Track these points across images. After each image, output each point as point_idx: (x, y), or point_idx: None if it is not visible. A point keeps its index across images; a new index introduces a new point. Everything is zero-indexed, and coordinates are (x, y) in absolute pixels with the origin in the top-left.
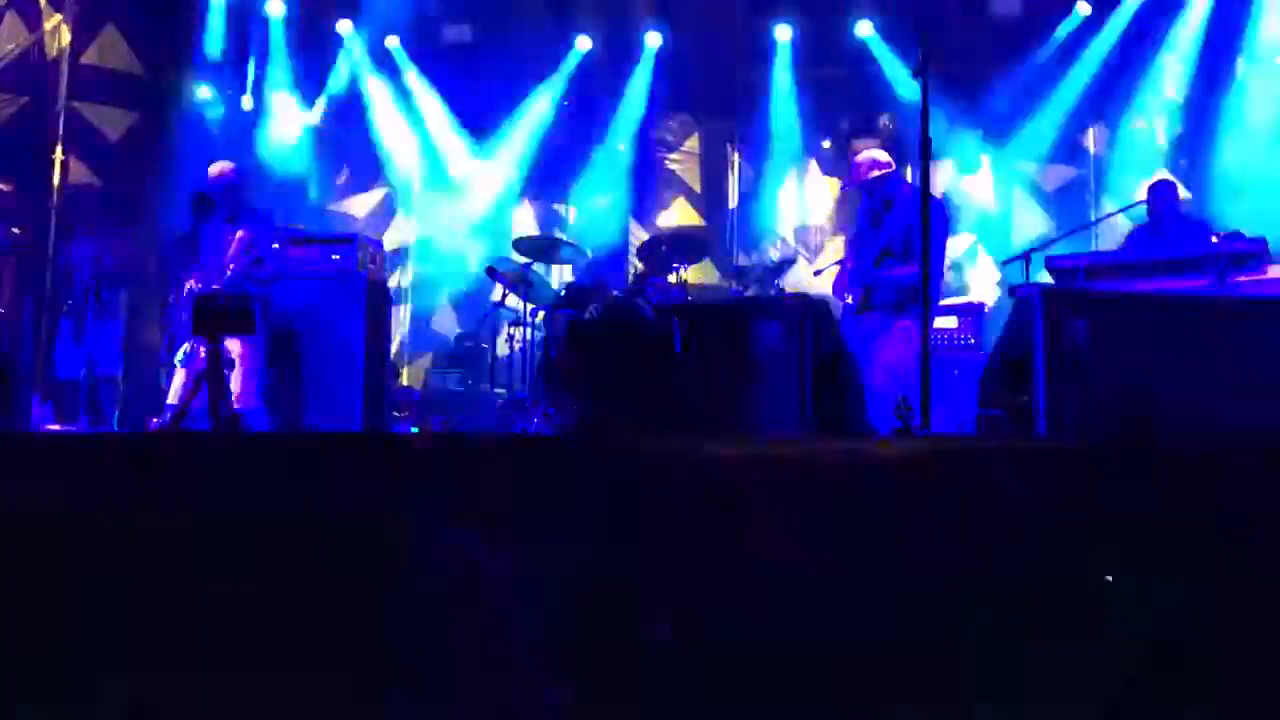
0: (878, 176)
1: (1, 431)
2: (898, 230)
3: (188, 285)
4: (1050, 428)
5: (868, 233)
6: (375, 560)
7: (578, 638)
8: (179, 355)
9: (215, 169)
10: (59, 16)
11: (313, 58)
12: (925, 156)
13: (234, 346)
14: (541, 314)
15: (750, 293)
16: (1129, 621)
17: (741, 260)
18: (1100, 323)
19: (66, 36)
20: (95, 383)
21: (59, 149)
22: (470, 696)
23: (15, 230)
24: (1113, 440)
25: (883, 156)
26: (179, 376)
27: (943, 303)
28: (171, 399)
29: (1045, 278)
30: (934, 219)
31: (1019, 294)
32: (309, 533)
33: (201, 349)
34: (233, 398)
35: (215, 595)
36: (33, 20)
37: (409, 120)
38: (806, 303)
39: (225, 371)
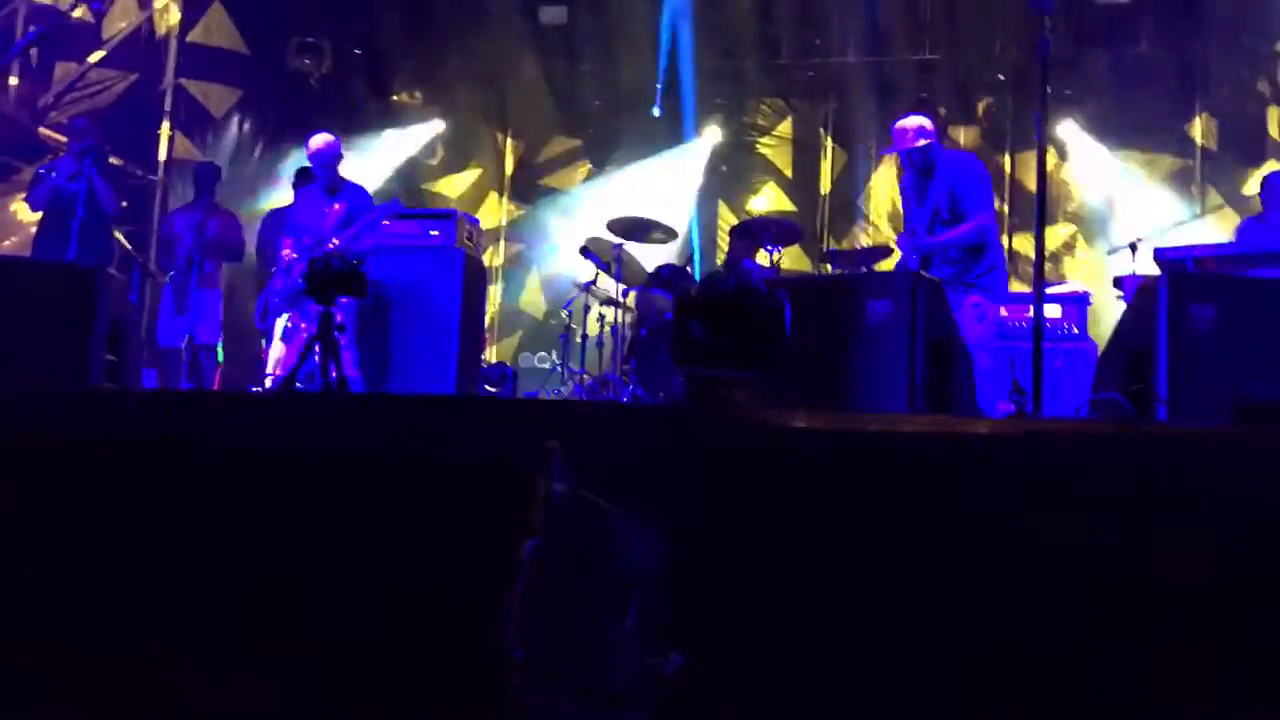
0: (923, 145)
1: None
2: (942, 195)
3: (285, 255)
4: (1173, 414)
5: (915, 203)
6: (507, 518)
7: (696, 604)
8: (279, 326)
9: (317, 140)
10: None
11: None
12: (1043, 138)
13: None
14: (633, 294)
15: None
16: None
17: (833, 245)
18: (1227, 307)
19: (176, 15)
20: (196, 351)
21: (166, 124)
22: (590, 660)
23: (123, 203)
24: (1246, 425)
25: (927, 124)
26: (278, 348)
27: (1047, 291)
28: (271, 369)
29: (1151, 269)
30: (976, 175)
31: (1128, 283)
32: (439, 487)
33: (299, 320)
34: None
35: (361, 543)
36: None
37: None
38: (916, 278)
39: (336, 336)
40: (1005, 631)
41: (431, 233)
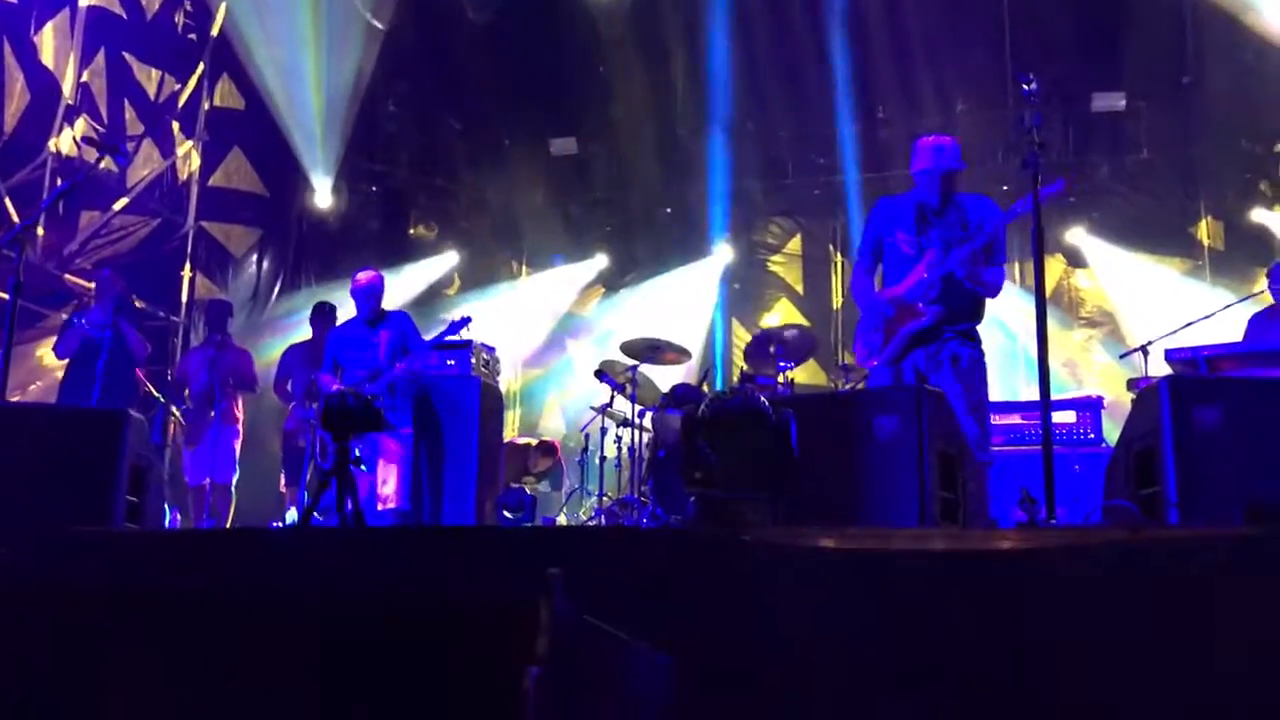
0: (958, 168)
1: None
2: (986, 231)
3: (336, 389)
4: (1183, 518)
5: (953, 230)
6: (511, 648)
7: None
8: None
9: (362, 276)
10: (190, 143)
11: None
12: (1040, 248)
13: (393, 447)
14: (649, 415)
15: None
16: None
17: (848, 359)
18: (1232, 408)
19: (196, 161)
20: (215, 489)
21: (187, 266)
22: None
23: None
24: (1259, 526)
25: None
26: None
27: (1058, 397)
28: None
29: (1164, 370)
30: (999, 216)
31: (1141, 385)
32: (454, 620)
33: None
34: (387, 496)
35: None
36: (166, 147)
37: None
38: (922, 393)
39: (352, 470)
40: None
41: (448, 362)
